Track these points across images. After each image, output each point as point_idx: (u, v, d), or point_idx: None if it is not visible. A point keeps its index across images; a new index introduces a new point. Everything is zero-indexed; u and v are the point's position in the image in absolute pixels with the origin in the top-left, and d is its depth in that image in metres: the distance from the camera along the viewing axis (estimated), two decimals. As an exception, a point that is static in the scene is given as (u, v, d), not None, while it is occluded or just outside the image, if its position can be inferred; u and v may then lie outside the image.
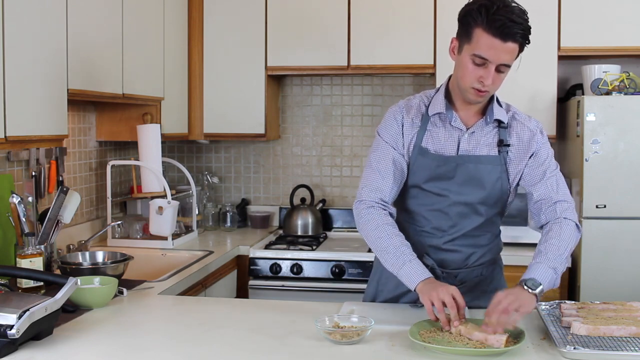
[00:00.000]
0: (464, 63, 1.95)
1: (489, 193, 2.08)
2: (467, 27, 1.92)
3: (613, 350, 1.68)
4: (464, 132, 2.07)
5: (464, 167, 2.06)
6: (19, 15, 2.21)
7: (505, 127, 2.08)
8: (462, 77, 1.97)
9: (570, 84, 3.71)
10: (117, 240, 3.34)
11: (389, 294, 2.24)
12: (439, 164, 2.06)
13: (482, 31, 1.88)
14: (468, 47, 1.92)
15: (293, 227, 3.78)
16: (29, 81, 2.29)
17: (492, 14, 1.85)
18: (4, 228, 2.56)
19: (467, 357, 1.71)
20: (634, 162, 3.11)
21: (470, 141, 2.07)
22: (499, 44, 1.87)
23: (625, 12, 3.38)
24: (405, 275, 1.95)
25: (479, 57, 1.90)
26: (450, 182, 2.07)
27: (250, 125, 3.76)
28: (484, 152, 2.07)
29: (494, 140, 2.08)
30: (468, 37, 1.92)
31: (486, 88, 1.94)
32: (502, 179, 2.08)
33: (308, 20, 3.65)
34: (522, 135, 2.09)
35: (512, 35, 1.86)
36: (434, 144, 2.08)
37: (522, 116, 2.13)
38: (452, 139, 2.07)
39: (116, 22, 2.89)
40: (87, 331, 1.93)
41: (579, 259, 3.17)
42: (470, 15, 1.90)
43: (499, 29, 1.85)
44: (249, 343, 1.84)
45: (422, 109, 2.11)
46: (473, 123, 2.08)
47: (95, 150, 3.46)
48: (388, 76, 3.96)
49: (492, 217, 2.13)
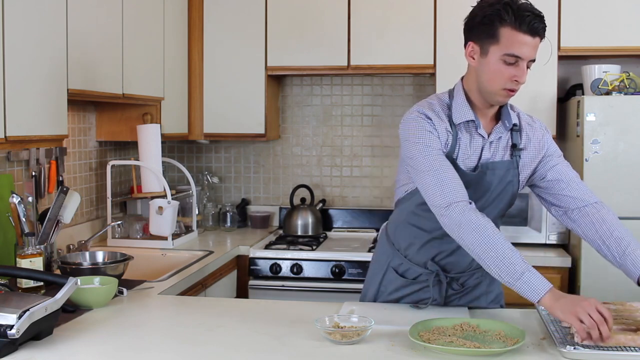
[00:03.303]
0: (493, 65, 1.91)
1: (499, 196, 2.06)
2: (491, 29, 1.89)
3: (613, 350, 1.68)
4: (486, 139, 2.03)
5: (481, 176, 2.01)
6: (19, 15, 2.21)
7: (518, 130, 2.06)
8: (492, 79, 1.92)
9: (570, 84, 3.71)
10: (117, 240, 3.34)
11: (390, 297, 2.23)
12: (461, 174, 1.98)
13: (511, 29, 1.86)
14: (496, 48, 1.89)
15: (293, 227, 3.78)
16: (29, 81, 2.29)
17: (518, 11, 1.85)
18: (4, 228, 2.56)
19: (467, 357, 1.71)
20: (634, 162, 3.11)
21: (489, 149, 2.04)
22: (530, 40, 1.86)
23: (625, 12, 3.38)
24: (525, 285, 1.77)
25: (511, 56, 1.87)
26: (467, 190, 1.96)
27: (250, 125, 3.76)
28: (499, 157, 2.05)
29: (508, 143, 2.06)
30: (495, 38, 1.89)
31: (518, 86, 1.93)
32: (513, 183, 2.06)
33: (308, 20, 3.65)
34: (532, 136, 2.08)
35: (539, 30, 1.87)
36: (463, 156, 2.01)
37: (530, 119, 2.13)
38: (477, 147, 2.02)
39: (116, 22, 2.89)
40: (87, 331, 1.93)
41: (579, 259, 3.17)
42: (496, 16, 1.87)
43: (529, 25, 1.85)
44: (249, 343, 1.84)
45: (445, 115, 2.01)
46: (490, 129, 2.05)
47: (95, 150, 3.46)
48: (388, 76, 3.96)
49: (494, 219, 2.10)
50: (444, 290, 2.16)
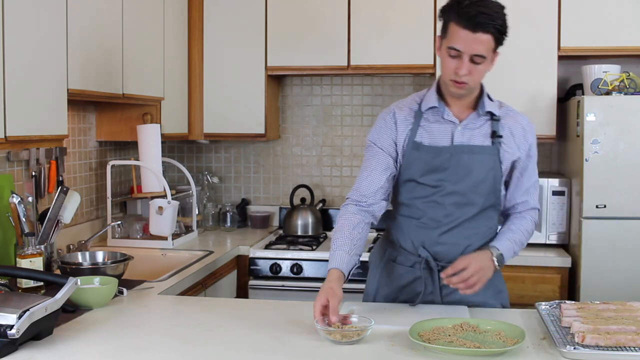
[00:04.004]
0: (443, 57, 2.06)
1: (482, 181, 2.13)
2: (444, 24, 2.05)
3: (613, 350, 1.68)
4: (457, 125, 2.14)
5: (458, 157, 2.11)
6: (19, 15, 2.21)
7: (498, 119, 2.15)
8: (443, 71, 2.08)
9: (570, 84, 3.71)
10: (117, 240, 3.34)
11: (390, 287, 2.28)
12: (434, 155, 2.12)
13: (454, 24, 2.00)
14: (445, 42, 2.04)
15: (293, 227, 3.78)
16: (29, 81, 2.29)
17: (462, 7, 1.97)
18: (4, 228, 2.56)
19: (467, 357, 1.71)
20: (634, 162, 3.11)
21: (464, 133, 2.13)
22: (469, 35, 1.97)
23: (625, 12, 3.38)
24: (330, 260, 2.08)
25: (453, 49, 2.01)
26: (445, 172, 2.12)
27: (250, 125, 3.76)
28: (478, 143, 2.13)
29: (488, 131, 2.14)
30: (445, 33, 2.05)
31: (462, 79, 2.03)
32: (495, 169, 2.13)
33: (308, 20, 3.65)
34: (515, 129, 2.16)
35: (481, 25, 1.96)
36: (429, 137, 2.15)
37: (514, 112, 2.21)
38: (446, 132, 2.14)
39: (116, 22, 2.89)
40: (87, 331, 1.93)
41: (579, 259, 3.17)
42: (445, 12, 2.04)
43: (469, 21, 1.96)
44: (249, 343, 1.84)
45: (415, 107, 2.19)
46: (465, 117, 2.15)
47: (95, 150, 3.46)
48: (388, 76, 3.96)
49: (487, 209, 2.17)
50: (437, 278, 2.17)
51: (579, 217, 3.18)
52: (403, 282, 2.24)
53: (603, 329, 1.76)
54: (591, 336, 1.71)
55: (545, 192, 3.36)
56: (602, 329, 1.76)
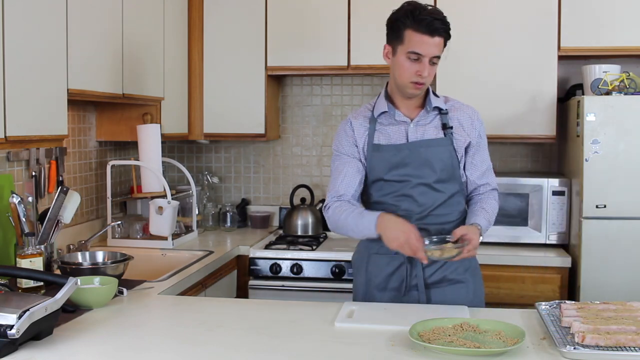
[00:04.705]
0: (401, 62, 2.24)
1: (443, 171, 2.30)
2: (397, 32, 2.23)
3: (613, 350, 1.68)
4: (409, 123, 2.32)
5: (416, 152, 2.29)
6: (19, 15, 2.21)
7: (446, 113, 2.34)
8: (401, 75, 2.25)
9: (570, 84, 3.71)
10: (117, 240, 3.34)
11: (379, 277, 2.35)
12: (394, 153, 2.30)
13: (412, 31, 2.19)
14: (402, 48, 2.23)
15: (293, 227, 3.78)
16: (29, 81, 2.29)
17: (417, 16, 2.17)
18: (4, 228, 2.56)
19: (467, 357, 1.71)
20: (634, 162, 3.11)
21: (416, 130, 2.32)
22: (428, 40, 2.18)
23: (625, 12, 3.38)
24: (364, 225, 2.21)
25: (413, 54, 2.20)
26: (407, 168, 2.29)
27: (250, 125, 3.76)
28: (432, 136, 2.31)
29: (438, 125, 2.33)
30: (400, 40, 2.22)
31: (423, 80, 2.22)
32: (452, 157, 2.32)
33: (308, 20, 3.65)
34: (462, 119, 2.35)
35: (437, 30, 2.18)
36: (385, 138, 2.33)
37: (460, 104, 2.38)
38: (400, 131, 2.33)
39: (116, 22, 2.89)
40: (87, 331, 1.93)
41: (579, 259, 3.17)
42: (399, 21, 2.22)
43: (427, 27, 2.17)
44: (249, 343, 1.84)
45: (368, 114, 2.38)
46: (416, 115, 2.34)
47: (95, 150, 3.46)
48: (388, 76, 3.95)
49: (454, 195, 2.33)
50: (418, 263, 2.26)
51: (579, 217, 3.18)
52: (390, 269, 2.34)
53: (603, 329, 1.76)
54: (591, 336, 1.71)
55: (545, 192, 3.36)
56: (602, 329, 1.76)
